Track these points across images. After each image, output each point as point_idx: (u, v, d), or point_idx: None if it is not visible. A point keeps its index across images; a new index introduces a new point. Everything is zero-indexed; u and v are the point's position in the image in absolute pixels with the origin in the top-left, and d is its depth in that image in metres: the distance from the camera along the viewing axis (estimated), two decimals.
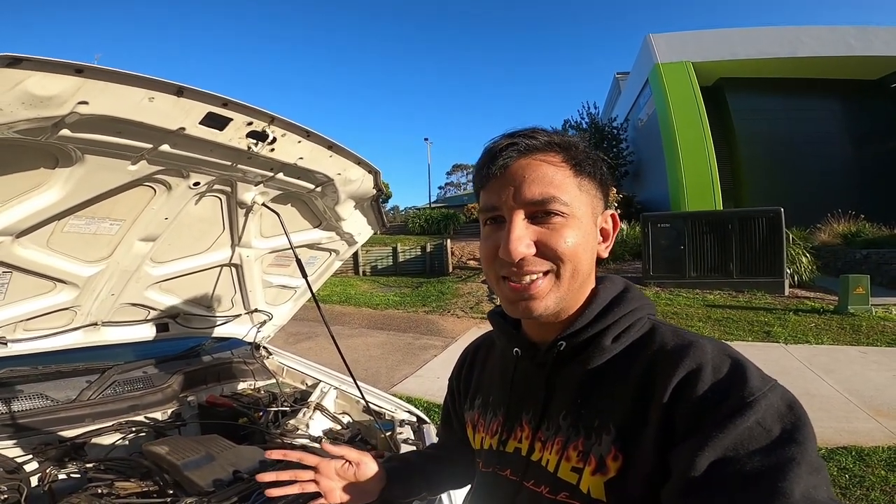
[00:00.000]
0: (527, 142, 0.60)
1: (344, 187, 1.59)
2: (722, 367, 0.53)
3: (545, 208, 0.58)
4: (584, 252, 0.61)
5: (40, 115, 0.91)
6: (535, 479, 0.63)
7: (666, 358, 0.56)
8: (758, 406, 0.48)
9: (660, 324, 0.63)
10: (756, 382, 0.51)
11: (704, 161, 14.97)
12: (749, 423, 0.47)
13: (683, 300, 8.53)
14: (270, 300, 2.16)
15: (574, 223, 0.59)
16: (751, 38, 16.20)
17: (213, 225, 1.63)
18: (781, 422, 0.48)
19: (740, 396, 0.49)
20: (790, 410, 0.49)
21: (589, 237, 0.62)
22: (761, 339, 6.29)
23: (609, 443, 0.56)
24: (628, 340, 0.61)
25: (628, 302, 0.64)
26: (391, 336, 7.39)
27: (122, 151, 1.14)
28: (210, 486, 1.13)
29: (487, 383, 0.79)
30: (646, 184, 19.02)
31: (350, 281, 14.38)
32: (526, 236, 0.58)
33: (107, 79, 0.92)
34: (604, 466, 0.55)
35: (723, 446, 0.47)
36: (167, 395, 1.75)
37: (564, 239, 0.58)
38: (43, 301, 1.46)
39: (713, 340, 0.58)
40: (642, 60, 18.02)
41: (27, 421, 1.41)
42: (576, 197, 0.60)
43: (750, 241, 8.94)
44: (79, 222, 1.32)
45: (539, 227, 0.59)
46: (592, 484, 0.56)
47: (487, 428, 0.74)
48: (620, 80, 23.06)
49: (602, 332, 0.61)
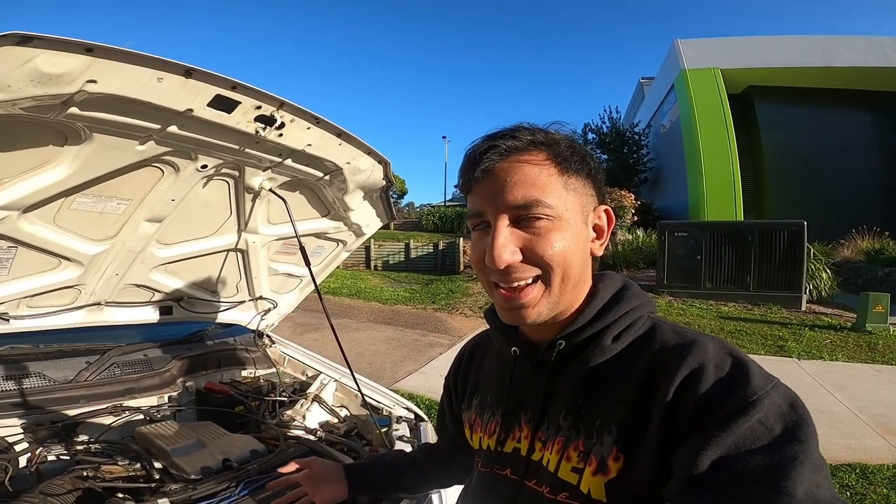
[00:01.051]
0: (507, 143, 0.58)
1: (353, 177, 1.57)
2: (724, 366, 0.52)
3: (529, 213, 0.56)
4: (574, 255, 0.59)
5: (49, 93, 0.91)
6: (536, 478, 0.63)
7: (668, 357, 0.55)
8: (760, 405, 0.48)
9: (660, 322, 0.62)
10: (758, 381, 0.50)
11: (728, 170, 14.67)
12: (752, 422, 0.47)
13: (697, 311, 8.36)
14: (276, 288, 2.15)
15: (561, 225, 0.57)
16: (782, 46, 15.80)
17: (220, 209, 1.62)
18: (783, 420, 0.48)
19: (743, 395, 0.49)
20: (792, 409, 0.49)
21: (579, 238, 0.60)
22: (774, 354, 6.13)
23: (611, 443, 0.55)
24: (629, 339, 0.60)
25: (628, 300, 0.62)
26: (398, 332, 7.38)
27: (130, 131, 1.13)
28: (197, 474, 1.11)
29: (485, 383, 0.77)
30: (665, 191, 18.73)
31: (361, 275, 14.43)
32: (511, 243, 0.57)
33: (116, 58, 0.92)
34: (605, 467, 0.55)
35: (725, 445, 0.47)
36: (165, 380, 1.75)
37: (551, 244, 0.57)
38: (47, 278, 1.46)
39: (714, 338, 0.57)
40: (668, 66, 17.72)
41: (22, 400, 1.41)
42: (562, 197, 0.58)
43: (769, 253, 8.72)
44: (86, 200, 1.31)
45: (524, 233, 0.57)
46: (593, 484, 0.56)
47: (485, 428, 0.73)
48: (645, 86, 22.72)
49: (602, 331, 0.60)
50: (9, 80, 0.83)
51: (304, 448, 1.38)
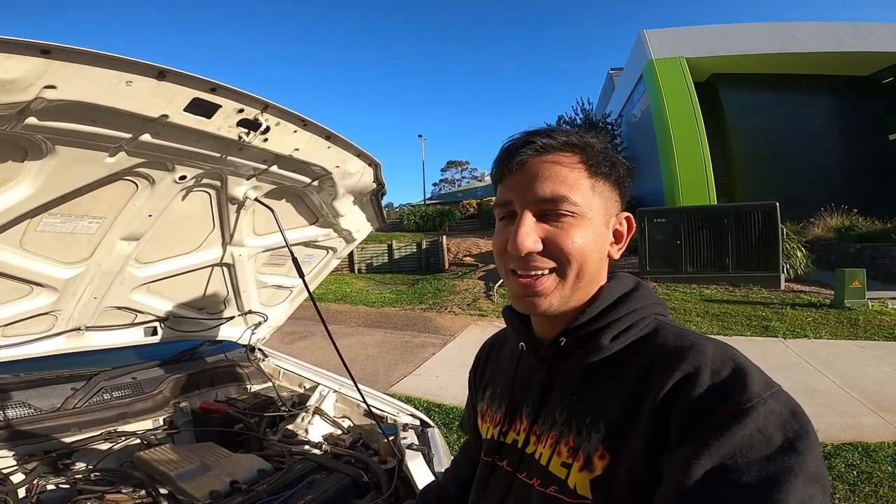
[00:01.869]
0: (544, 141, 0.61)
1: (342, 181, 1.50)
2: (722, 371, 0.51)
3: (556, 207, 0.59)
4: (591, 253, 0.61)
5: (1, 102, 0.82)
6: (527, 471, 0.64)
7: (664, 359, 0.55)
8: (756, 413, 0.47)
9: (665, 324, 0.62)
10: (756, 388, 0.49)
11: (699, 156, 14.98)
12: (748, 431, 0.46)
13: (681, 295, 8.51)
14: (265, 301, 2.07)
15: (583, 223, 0.60)
16: (743, 34, 16.20)
17: (203, 222, 1.54)
18: (783, 430, 0.46)
19: (739, 402, 0.48)
20: (794, 417, 0.48)
21: (599, 238, 0.62)
22: (760, 334, 6.26)
23: (598, 441, 0.56)
24: (629, 339, 0.61)
25: (633, 300, 0.63)
26: (388, 334, 7.29)
27: (97, 142, 1.05)
28: (206, 498, 1.06)
29: (497, 376, 0.80)
30: (640, 179, 19.03)
31: (345, 279, 14.25)
32: (533, 232, 0.59)
33: (77, 60, 0.84)
34: (590, 464, 0.55)
35: (720, 454, 0.46)
36: (158, 402, 1.67)
37: (572, 238, 0.59)
38: (19, 306, 1.37)
39: (717, 343, 0.56)
40: (636, 56, 17.98)
41: (10, 430, 1.34)
42: (588, 198, 0.60)
43: (746, 235, 8.92)
44: (54, 220, 1.23)
45: (548, 226, 0.60)
46: (579, 480, 0.56)
47: (492, 419, 0.76)
48: (614, 76, 23.01)
49: (600, 329, 0.61)
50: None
51: (311, 464, 1.32)
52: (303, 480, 1.23)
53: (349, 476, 1.27)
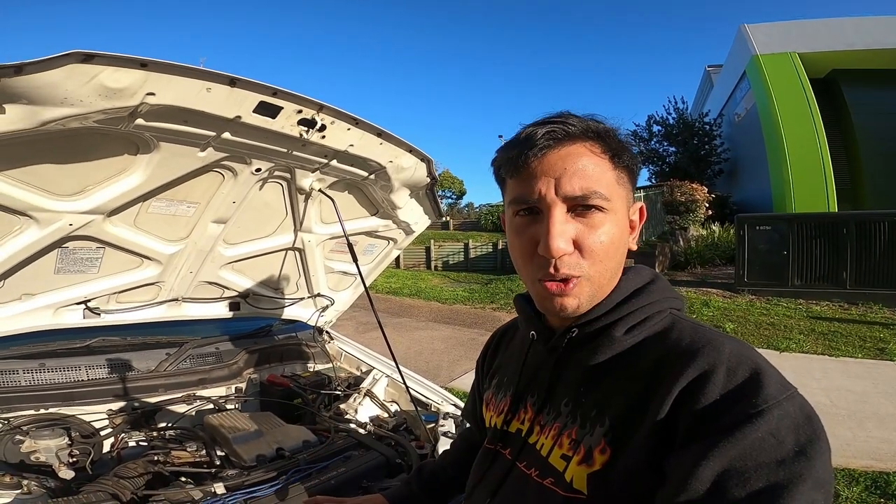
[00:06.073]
0: (564, 128, 0.57)
1: (396, 175, 1.60)
2: (737, 371, 0.49)
3: (586, 203, 0.56)
4: (618, 248, 0.59)
5: (115, 106, 1.02)
6: (527, 460, 0.64)
7: (678, 355, 0.53)
8: (769, 415, 0.45)
9: (682, 319, 0.60)
10: (772, 390, 0.47)
11: (816, 159, 13.23)
12: (760, 434, 0.44)
13: (783, 310, 7.60)
14: (332, 286, 2.24)
15: (612, 218, 0.58)
16: (867, 27, 14.05)
17: (277, 210, 1.73)
18: (796, 434, 0.45)
19: (753, 403, 0.46)
20: (808, 422, 0.46)
21: (623, 232, 0.60)
22: (873, 357, 5.40)
23: (600, 435, 0.54)
24: (643, 334, 0.59)
25: (649, 294, 0.61)
26: (456, 331, 7.42)
27: (190, 139, 1.24)
28: (252, 461, 1.19)
29: (505, 365, 0.80)
30: (743, 183, 17.26)
31: (422, 275, 14.68)
32: (566, 231, 0.56)
33: (168, 71, 1.01)
34: (590, 458, 0.54)
35: (729, 456, 0.44)
36: (233, 371, 1.88)
37: (602, 235, 0.57)
38: (131, 276, 1.63)
39: (735, 341, 0.54)
40: (737, 52, 16.35)
41: (110, 387, 1.58)
42: (614, 190, 0.58)
43: (869, 247, 7.73)
44: (160, 204, 1.46)
45: (577, 223, 0.57)
46: (576, 474, 0.55)
47: (497, 407, 0.75)
48: (712, 74, 21.07)
49: (614, 322, 0.59)
50: (80, 95, 0.94)
51: (352, 441, 1.42)
52: (340, 454, 1.32)
53: (384, 455, 1.34)
